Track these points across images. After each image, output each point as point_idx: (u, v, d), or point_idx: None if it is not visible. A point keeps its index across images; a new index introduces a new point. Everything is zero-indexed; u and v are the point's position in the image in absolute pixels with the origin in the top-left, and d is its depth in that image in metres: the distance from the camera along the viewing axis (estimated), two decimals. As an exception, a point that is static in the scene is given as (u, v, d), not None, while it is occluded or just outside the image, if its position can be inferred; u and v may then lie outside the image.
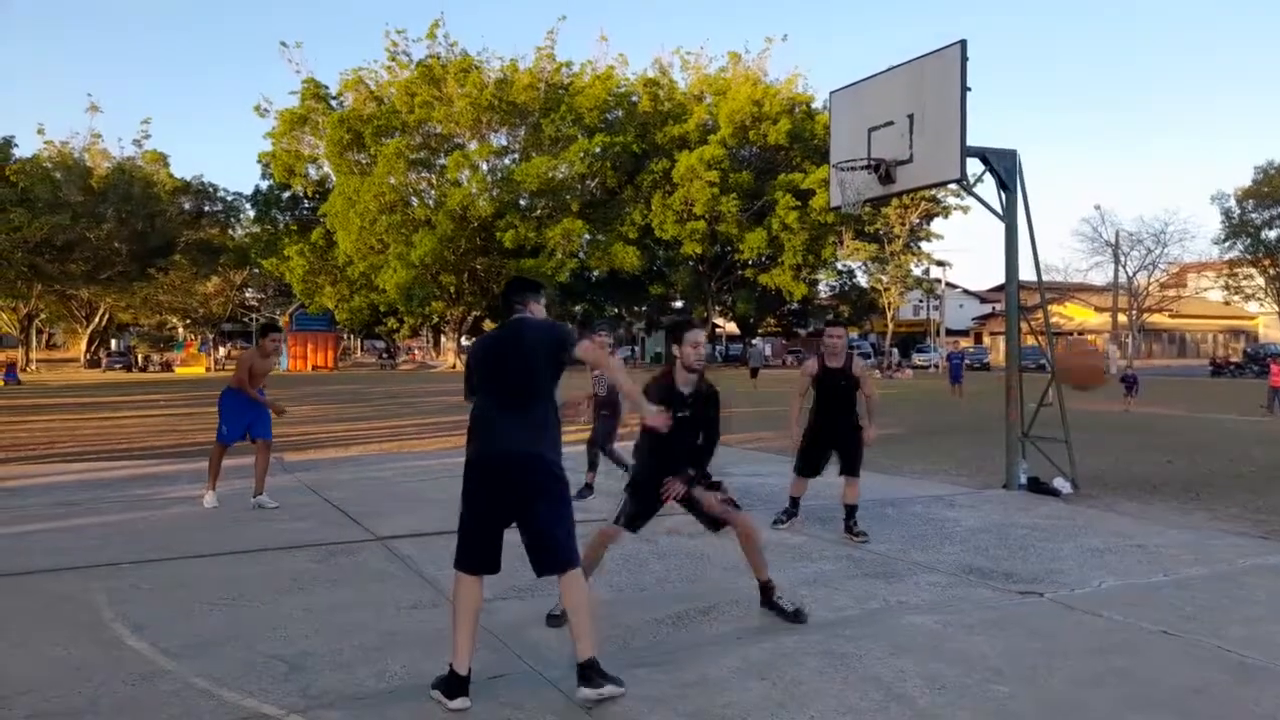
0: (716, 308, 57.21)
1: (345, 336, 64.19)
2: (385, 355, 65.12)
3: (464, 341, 57.39)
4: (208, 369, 49.20)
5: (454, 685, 3.36)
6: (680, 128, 51.02)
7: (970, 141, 8.29)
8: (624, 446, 8.00)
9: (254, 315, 65.92)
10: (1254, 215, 55.05)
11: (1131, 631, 4.35)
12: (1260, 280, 56.97)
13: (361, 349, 74.11)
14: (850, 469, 6.48)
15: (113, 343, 64.78)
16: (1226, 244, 56.62)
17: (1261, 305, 60.09)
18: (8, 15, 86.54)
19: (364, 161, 48.58)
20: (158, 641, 4.07)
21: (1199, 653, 4.03)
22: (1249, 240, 55.53)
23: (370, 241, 47.05)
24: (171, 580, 5.18)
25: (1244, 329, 71.53)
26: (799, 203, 47.92)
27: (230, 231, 58.68)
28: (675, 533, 6.47)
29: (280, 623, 4.37)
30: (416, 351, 67.57)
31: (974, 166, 8.75)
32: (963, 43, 8.24)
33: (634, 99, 53.60)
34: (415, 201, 49.28)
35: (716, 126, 50.85)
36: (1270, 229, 54.84)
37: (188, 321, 64.83)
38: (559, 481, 3.51)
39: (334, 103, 51.24)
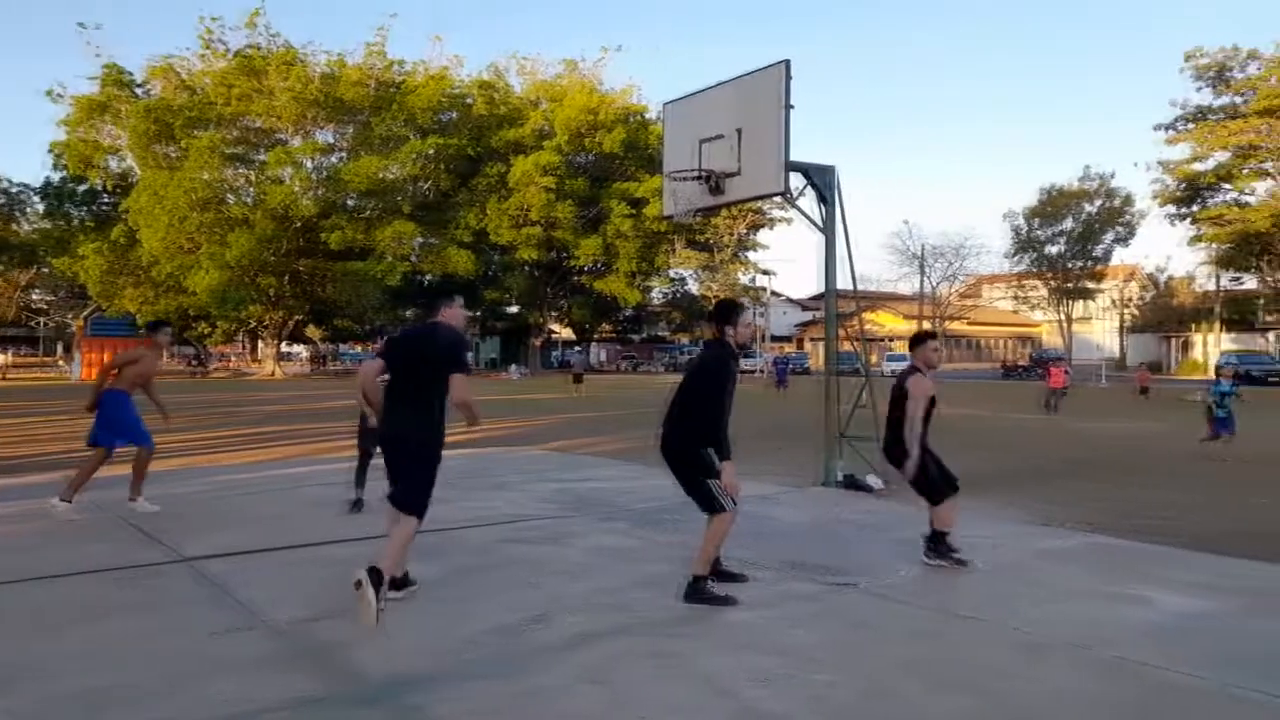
0: (552, 313, 57.18)
1: (150, 342, 59.23)
2: (195, 362, 60.67)
3: (284, 348, 54.39)
4: (-15, 377, 44.08)
5: (396, 583, 4.63)
6: (516, 132, 50.69)
7: (794, 157, 8.69)
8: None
9: (42, 320, 59.90)
10: (1038, 232, 61.03)
11: (939, 618, 4.67)
12: (1044, 291, 63.10)
13: (169, 356, 68.81)
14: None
15: None
16: (1015, 258, 62.49)
17: (1045, 314, 66.58)
18: None
19: (173, 155, 45.11)
20: (-82, 686, 3.59)
21: (998, 635, 4.38)
22: (1034, 255, 61.46)
23: (179, 240, 43.65)
24: (-64, 616, 4.59)
25: (1030, 335, 79.14)
26: (633, 211, 48.72)
27: (15, 226, 52.97)
28: (511, 542, 6.40)
29: (77, 655, 3.96)
30: (232, 358, 63.48)
31: (798, 181, 9.18)
32: (786, 62, 8.62)
33: (469, 101, 52.77)
34: (231, 199, 46.25)
35: (552, 133, 50.89)
36: (1051, 245, 60.92)
37: (-38, 325, 57.97)
38: (425, 451, 4.62)
39: (139, 91, 47.35)
